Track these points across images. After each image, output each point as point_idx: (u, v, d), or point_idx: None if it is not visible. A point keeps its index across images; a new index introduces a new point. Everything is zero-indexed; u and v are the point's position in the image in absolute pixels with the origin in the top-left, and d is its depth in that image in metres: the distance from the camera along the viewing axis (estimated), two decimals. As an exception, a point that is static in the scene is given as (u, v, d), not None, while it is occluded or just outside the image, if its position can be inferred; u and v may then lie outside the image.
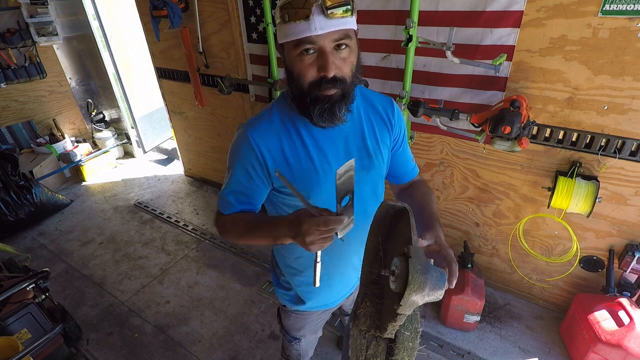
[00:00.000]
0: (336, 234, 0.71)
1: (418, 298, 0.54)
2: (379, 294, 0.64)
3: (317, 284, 0.78)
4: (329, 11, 0.72)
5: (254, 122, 0.90)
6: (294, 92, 0.83)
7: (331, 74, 0.76)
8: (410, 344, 0.63)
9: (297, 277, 1.11)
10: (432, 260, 0.60)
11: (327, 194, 0.92)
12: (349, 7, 0.75)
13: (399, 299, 0.54)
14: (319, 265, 0.77)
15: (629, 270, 1.71)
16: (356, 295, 1.08)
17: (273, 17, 1.85)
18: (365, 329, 0.64)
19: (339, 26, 0.74)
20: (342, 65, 0.78)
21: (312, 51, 0.76)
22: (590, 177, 1.65)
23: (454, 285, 0.67)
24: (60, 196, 3.23)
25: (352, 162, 0.67)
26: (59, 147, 3.53)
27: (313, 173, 0.89)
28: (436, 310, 2.11)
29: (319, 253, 0.76)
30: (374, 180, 0.98)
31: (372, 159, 0.95)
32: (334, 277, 1.08)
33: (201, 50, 2.57)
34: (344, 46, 0.77)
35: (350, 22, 0.76)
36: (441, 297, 0.57)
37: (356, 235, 0.96)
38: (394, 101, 1.01)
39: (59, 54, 3.57)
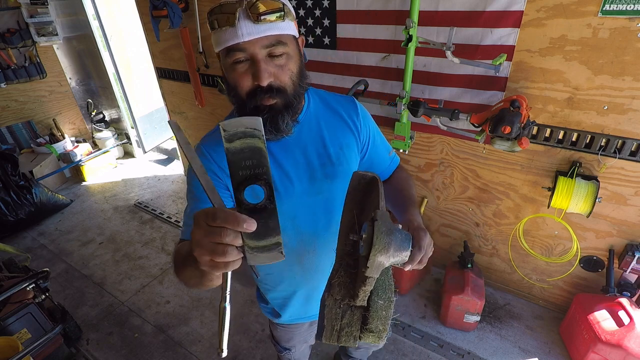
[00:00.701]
0: (245, 257, 0.48)
1: (383, 259, 0.55)
2: (354, 265, 0.65)
3: (223, 352, 0.52)
4: (256, 15, 0.68)
5: (207, 137, 0.88)
6: (233, 102, 0.79)
7: (264, 83, 0.72)
8: (384, 312, 0.64)
9: (270, 292, 1.08)
10: (400, 226, 0.62)
11: (288, 206, 0.88)
12: (279, 12, 0.70)
13: (365, 261, 0.56)
14: (226, 313, 0.50)
15: (629, 270, 1.71)
16: None
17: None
18: (339, 298, 0.64)
19: (269, 31, 0.70)
20: (278, 73, 0.74)
21: (243, 59, 0.72)
22: (590, 177, 1.65)
23: (415, 261, 0.63)
24: (60, 196, 3.23)
25: (254, 120, 0.46)
26: (59, 147, 3.53)
27: None
28: (436, 310, 2.11)
29: (227, 289, 0.50)
30: (342, 189, 0.86)
31: (335, 166, 0.89)
32: (306, 288, 1.04)
33: (201, 50, 2.57)
34: (279, 53, 0.72)
35: (283, 27, 0.72)
36: (407, 258, 0.59)
37: (327, 242, 0.95)
38: (356, 101, 0.97)
39: (59, 54, 3.57)
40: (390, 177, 1.06)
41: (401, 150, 1.99)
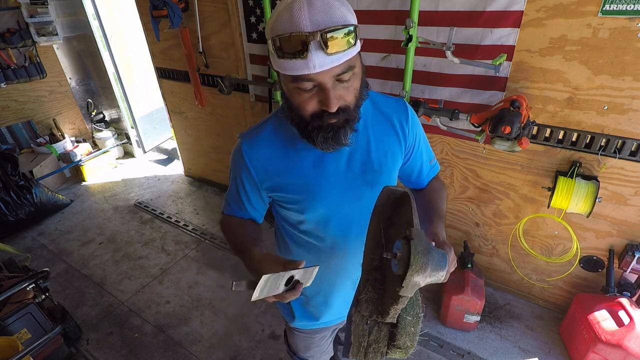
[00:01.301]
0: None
1: (420, 279, 0.54)
2: (381, 280, 0.64)
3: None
4: (329, 46, 0.64)
5: (251, 134, 0.88)
6: (294, 120, 0.78)
7: (334, 110, 0.71)
8: (412, 328, 0.63)
9: None
10: (433, 243, 0.61)
11: (324, 210, 0.88)
12: (351, 36, 0.66)
13: (400, 280, 0.55)
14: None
15: (629, 270, 1.71)
16: None
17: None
18: (367, 314, 0.63)
19: (342, 59, 0.67)
20: (345, 94, 0.72)
21: (311, 86, 0.70)
22: (590, 177, 1.65)
23: (448, 276, 0.66)
24: (60, 196, 3.23)
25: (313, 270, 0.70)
26: (59, 147, 3.53)
27: (306, 188, 0.86)
28: (436, 310, 2.11)
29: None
30: None
31: (376, 174, 0.88)
32: (330, 293, 1.05)
33: (201, 50, 2.57)
34: (348, 78, 0.70)
35: (354, 51, 0.68)
36: (442, 278, 0.57)
37: (356, 249, 0.94)
38: (407, 105, 0.93)
39: (59, 54, 3.57)
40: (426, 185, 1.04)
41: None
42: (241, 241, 0.88)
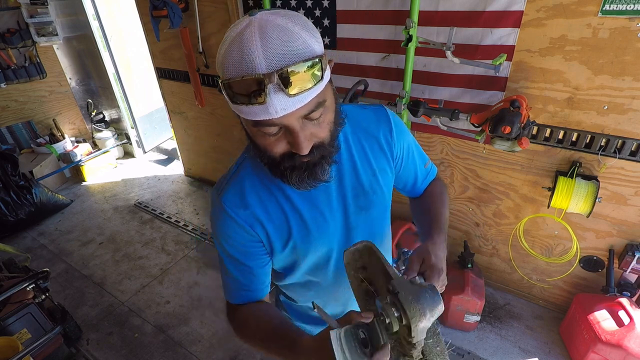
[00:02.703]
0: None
1: (425, 323, 0.54)
2: (389, 325, 0.62)
3: None
4: (291, 87, 0.53)
5: (227, 188, 0.75)
6: (263, 160, 0.68)
7: (306, 152, 0.61)
8: (438, 348, 0.64)
9: (306, 325, 1.04)
10: (418, 278, 0.61)
11: (324, 250, 0.81)
12: (316, 68, 0.55)
13: (408, 331, 0.55)
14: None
15: (629, 270, 1.71)
16: None
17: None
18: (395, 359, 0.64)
19: (308, 98, 0.56)
20: (317, 131, 0.62)
21: (276, 130, 0.60)
22: (590, 177, 1.65)
23: (443, 289, 0.66)
24: (60, 196, 3.23)
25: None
26: (59, 147, 3.53)
27: (305, 232, 0.77)
28: (436, 310, 2.11)
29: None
30: (378, 217, 0.85)
31: (369, 196, 0.81)
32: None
33: (201, 50, 2.57)
34: (318, 116, 0.60)
35: (321, 85, 0.57)
36: (442, 309, 0.57)
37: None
38: (388, 112, 0.84)
39: (59, 54, 3.57)
40: (424, 192, 0.97)
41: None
42: (276, 328, 0.73)
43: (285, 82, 0.52)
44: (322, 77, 0.57)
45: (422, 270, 0.68)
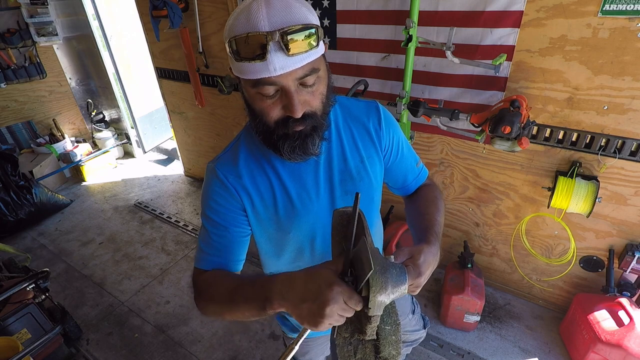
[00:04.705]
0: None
1: (384, 298, 0.55)
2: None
3: None
4: (290, 47, 0.61)
5: (222, 157, 0.82)
6: (258, 128, 0.74)
7: (299, 115, 0.67)
8: (394, 337, 0.64)
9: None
10: (392, 257, 0.62)
11: (307, 228, 0.84)
12: (313, 38, 0.63)
13: (366, 302, 0.56)
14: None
15: (629, 270, 1.71)
16: None
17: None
18: (348, 335, 0.64)
19: (304, 61, 0.64)
20: (310, 99, 0.69)
21: (273, 91, 0.66)
22: (590, 177, 1.65)
23: (416, 292, 0.67)
24: (60, 196, 3.23)
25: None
26: (59, 147, 3.53)
27: (289, 207, 0.81)
28: (436, 310, 2.11)
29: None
30: (364, 204, 0.87)
31: (355, 181, 0.84)
32: None
33: (201, 50, 2.57)
34: (312, 82, 0.67)
35: (317, 52, 0.66)
36: (406, 291, 0.58)
37: None
38: (379, 106, 0.89)
39: (59, 54, 3.57)
40: (417, 192, 0.99)
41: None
42: (244, 277, 0.76)
43: (285, 42, 0.60)
44: (317, 46, 0.65)
45: (406, 263, 0.68)
